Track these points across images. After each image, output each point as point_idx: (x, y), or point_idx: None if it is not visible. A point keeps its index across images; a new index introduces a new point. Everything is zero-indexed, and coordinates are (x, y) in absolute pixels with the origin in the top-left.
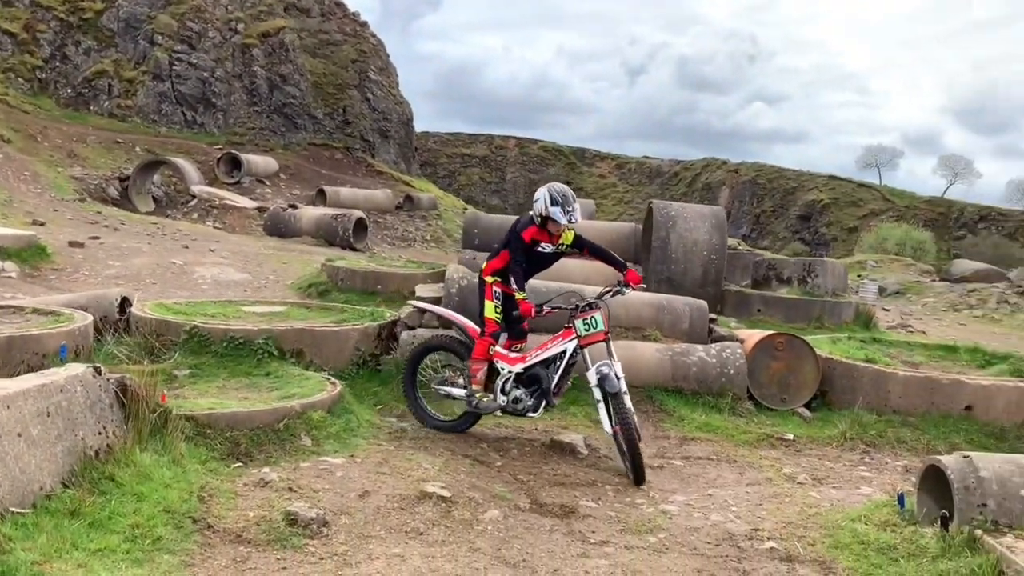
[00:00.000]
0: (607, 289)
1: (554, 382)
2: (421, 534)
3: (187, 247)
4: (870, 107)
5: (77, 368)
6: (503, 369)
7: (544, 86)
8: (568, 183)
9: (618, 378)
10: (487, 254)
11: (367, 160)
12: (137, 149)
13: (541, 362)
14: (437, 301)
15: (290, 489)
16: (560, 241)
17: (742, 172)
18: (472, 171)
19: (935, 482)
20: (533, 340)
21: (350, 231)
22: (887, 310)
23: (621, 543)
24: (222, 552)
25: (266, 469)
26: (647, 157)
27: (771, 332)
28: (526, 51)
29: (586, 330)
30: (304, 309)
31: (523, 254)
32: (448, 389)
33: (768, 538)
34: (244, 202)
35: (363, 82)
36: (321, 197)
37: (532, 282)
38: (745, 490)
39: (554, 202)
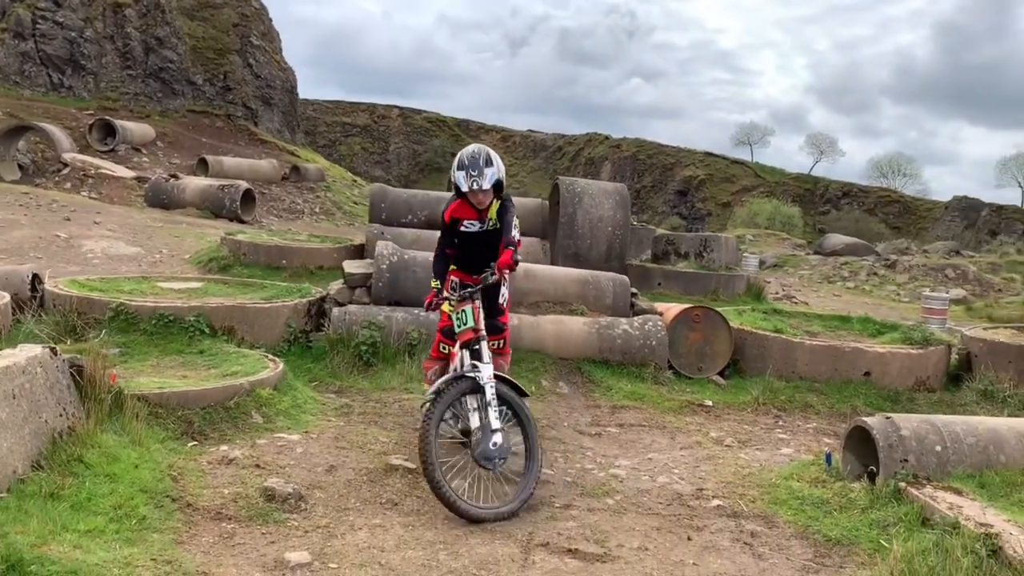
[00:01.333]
0: (484, 278)
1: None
2: (396, 504)
3: (68, 219)
4: (741, 85)
5: (34, 349)
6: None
7: (426, 55)
8: (452, 155)
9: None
10: (396, 229)
11: (250, 129)
12: None
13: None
14: (367, 278)
15: (256, 466)
16: (488, 216)
17: (623, 147)
18: (354, 140)
19: (858, 441)
20: None
21: (238, 203)
22: (768, 282)
23: (583, 506)
24: (207, 529)
25: (224, 447)
26: (532, 131)
27: (688, 305)
28: (407, 18)
29: (460, 326)
30: (222, 285)
31: (446, 236)
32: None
33: (713, 497)
34: (121, 171)
35: (245, 47)
36: (203, 167)
37: None
38: (680, 454)
39: (460, 165)
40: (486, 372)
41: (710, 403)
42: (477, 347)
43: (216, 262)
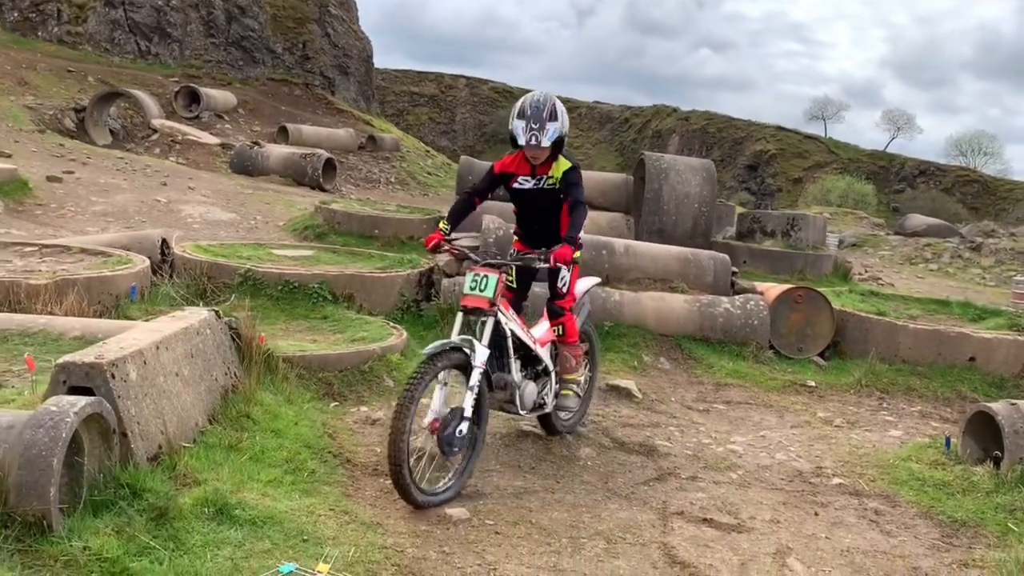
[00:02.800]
0: (526, 254)
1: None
2: (533, 468)
3: (165, 184)
4: (814, 57)
5: (202, 312)
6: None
7: (491, 23)
8: None
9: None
10: (486, 201)
11: (327, 97)
12: (90, 79)
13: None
14: (474, 250)
15: None
16: (549, 174)
17: (692, 120)
18: (421, 110)
19: (977, 426)
20: None
21: (319, 171)
22: (849, 262)
23: (708, 478)
24: (368, 484)
25: (364, 408)
26: (598, 102)
27: (791, 286)
28: None
29: (471, 288)
30: (332, 254)
31: (485, 182)
32: None
33: (833, 475)
34: (207, 138)
35: (323, 16)
36: (283, 134)
37: None
38: (792, 432)
39: (520, 114)
40: (481, 355)
41: (813, 384)
42: (484, 322)
43: (311, 230)
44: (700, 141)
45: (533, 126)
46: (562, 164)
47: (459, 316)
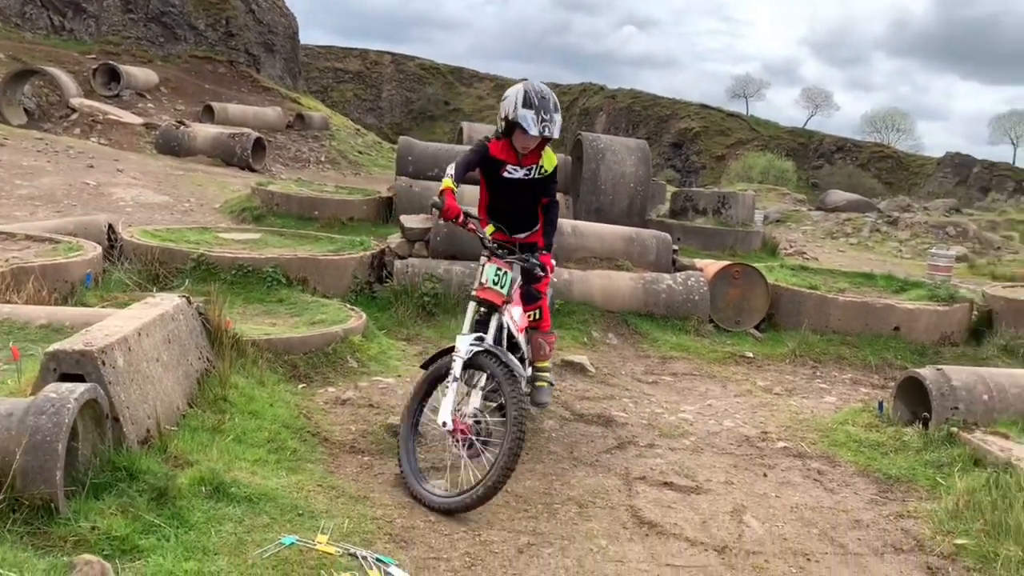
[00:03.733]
0: (526, 257)
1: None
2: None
3: (92, 166)
4: (735, 36)
5: (173, 298)
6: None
7: None
8: (446, 103)
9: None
10: (423, 182)
11: (252, 75)
12: (1, 56)
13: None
14: (425, 232)
15: (370, 406)
16: (540, 164)
17: (619, 99)
18: (346, 87)
19: (906, 391)
20: None
21: (249, 151)
22: (776, 238)
23: (665, 446)
24: (348, 461)
25: (332, 389)
26: (526, 79)
27: (729, 262)
28: None
29: (493, 282)
30: (279, 237)
31: (478, 157)
32: None
33: (777, 439)
34: (129, 117)
35: None
36: (208, 114)
37: None
38: (736, 401)
39: (527, 103)
40: (460, 344)
41: (751, 355)
42: (493, 316)
43: (249, 212)
44: (627, 119)
45: (544, 117)
46: (551, 157)
47: (472, 307)
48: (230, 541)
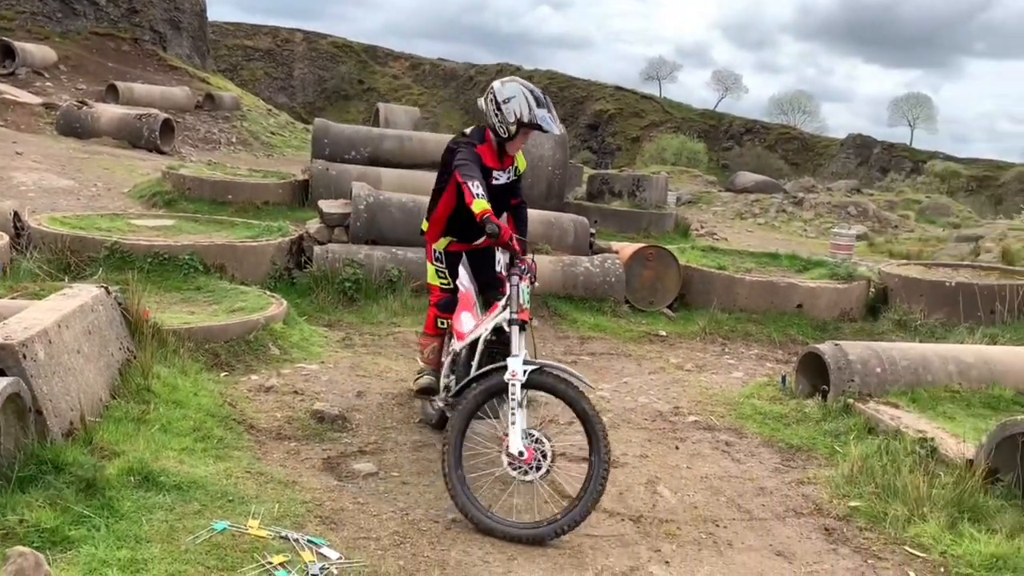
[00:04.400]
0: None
1: (472, 372)
2: (428, 424)
3: None
4: (648, 17)
5: (92, 288)
6: (448, 346)
7: None
8: (360, 83)
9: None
10: (340, 165)
11: (158, 53)
12: None
13: (470, 343)
14: (344, 217)
15: (295, 392)
16: (515, 166)
17: (535, 79)
18: (256, 65)
19: (808, 365)
20: None
21: (157, 133)
22: (687, 219)
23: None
24: (276, 448)
25: (255, 377)
26: (442, 59)
27: (643, 245)
28: None
29: (528, 302)
30: (193, 223)
31: (480, 168)
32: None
33: (688, 414)
34: (26, 97)
35: None
36: (112, 93)
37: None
38: (650, 378)
39: (539, 103)
40: (515, 366)
41: (664, 333)
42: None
43: (160, 196)
44: None
45: (553, 115)
46: (521, 156)
47: (517, 330)
48: (162, 529)
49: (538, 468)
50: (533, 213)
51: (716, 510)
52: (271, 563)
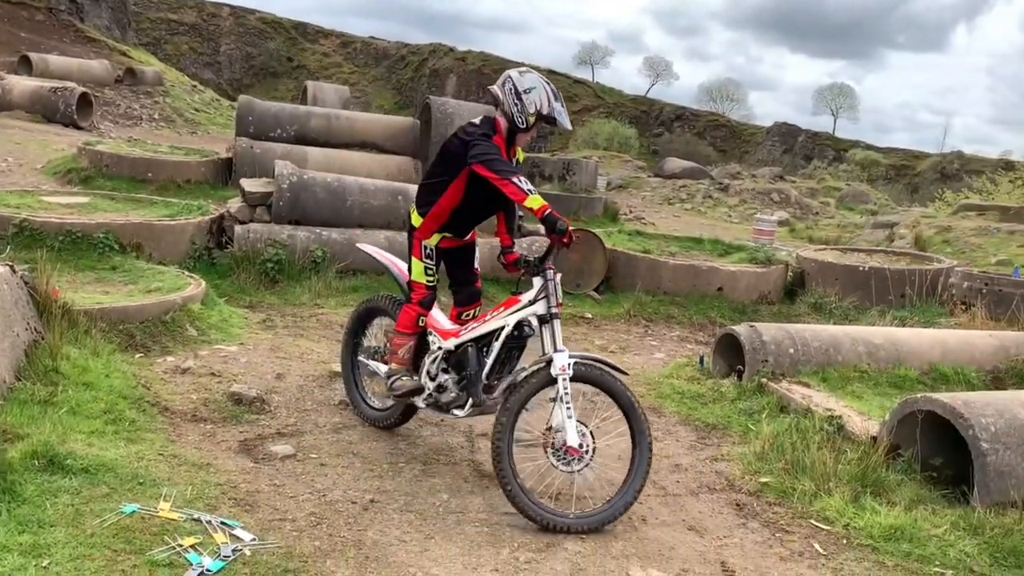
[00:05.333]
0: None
1: (485, 370)
2: (348, 405)
3: None
4: (582, 1)
5: None
6: (433, 344)
7: None
8: (289, 60)
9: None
10: (265, 143)
11: (75, 24)
12: None
13: (475, 339)
14: (267, 196)
15: (212, 374)
16: (516, 158)
17: (469, 61)
18: (180, 39)
19: (725, 346)
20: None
21: (73, 107)
22: (616, 204)
23: None
24: (190, 430)
25: (171, 358)
26: (373, 37)
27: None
28: None
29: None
30: (109, 200)
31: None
32: (374, 365)
33: None
34: None
35: None
36: (25, 65)
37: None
38: None
39: (555, 96)
40: (563, 360)
41: (590, 315)
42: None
43: (76, 173)
44: (477, 83)
45: (565, 109)
46: (520, 149)
47: (559, 324)
48: (67, 513)
49: (580, 460)
50: None
51: None
52: (181, 545)
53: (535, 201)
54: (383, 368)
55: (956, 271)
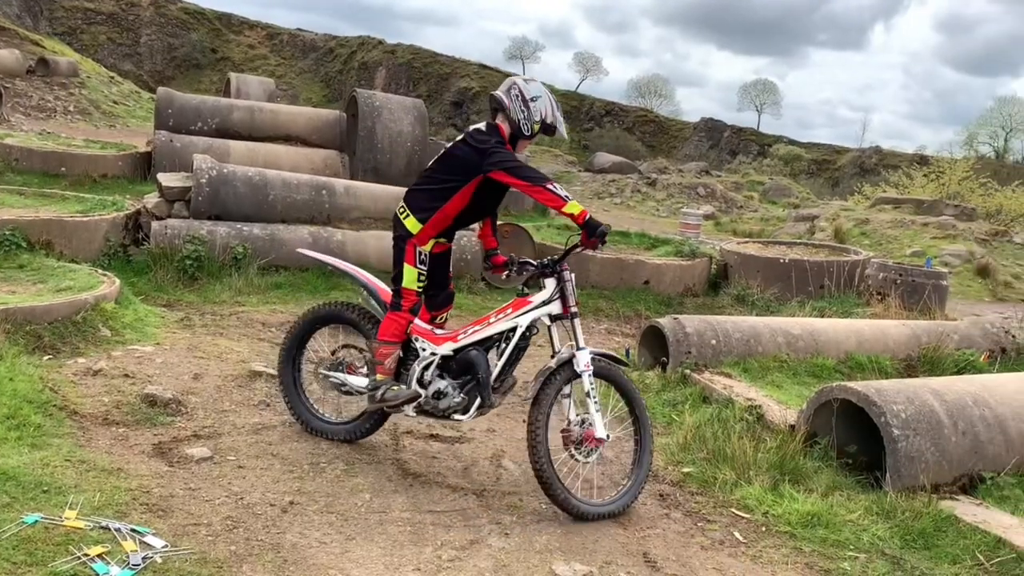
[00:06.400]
0: (574, 246)
1: (495, 372)
2: (269, 405)
3: None
4: None
5: None
6: (424, 350)
7: None
8: (213, 51)
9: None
10: (185, 137)
11: None
12: None
13: (478, 342)
14: (185, 191)
15: (125, 376)
16: None
17: (398, 54)
18: (98, 29)
19: (650, 338)
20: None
21: None
22: None
23: None
24: (101, 434)
25: (82, 360)
26: (300, 29)
27: (499, 222)
28: None
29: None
30: (19, 196)
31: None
32: (343, 377)
33: None
34: None
35: None
36: None
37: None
38: None
39: (557, 106)
40: (585, 357)
41: None
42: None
43: None
44: (406, 76)
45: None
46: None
47: (578, 322)
48: None
49: (593, 452)
50: (387, 189)
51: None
52: (87, 555)
53: (574, 207)
54: (357, 380)
55: (872, 262)
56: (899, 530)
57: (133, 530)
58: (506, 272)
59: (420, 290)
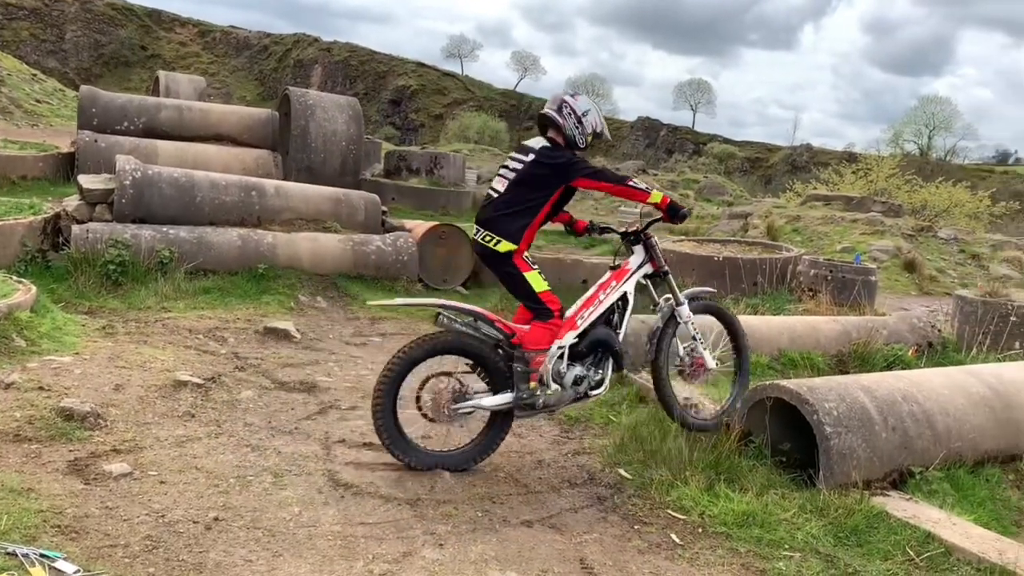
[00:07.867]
0: (654, 219)
1: (622, 335)
2: (193, 416)
3: None
4: None
5: None
6: (550, 347)
7: None
8: (143, 48)
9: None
10: (111, 137)
11: None
12: None
13: (597, 319)
14: (108, 193)
15: (40, 388)
16: None
17: (334, 52)
18: (20, 25)
19: None
20: None
21: None
22: None
23: (367, 407)
24: (11, 451)
25: None
26: (233, 26)
27: (436, 223)
28: None
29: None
30: None
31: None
32: (474, 403)
33: None
34: None
35: None
36: None
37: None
38: None
39: (600, 112)
40: (685, 311)
41: None
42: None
43: None
44: (343, 74)
45: None
46: None
47: (672, 279)
48: None
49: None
50: (320, 190)
51: (494, 487)
52: None
53: (656, 196)
54: (492, 399)
55: (803, 259)
56: (832, 528)
57: (42, 555)
58: (589, 233)
59: (551, 289)
